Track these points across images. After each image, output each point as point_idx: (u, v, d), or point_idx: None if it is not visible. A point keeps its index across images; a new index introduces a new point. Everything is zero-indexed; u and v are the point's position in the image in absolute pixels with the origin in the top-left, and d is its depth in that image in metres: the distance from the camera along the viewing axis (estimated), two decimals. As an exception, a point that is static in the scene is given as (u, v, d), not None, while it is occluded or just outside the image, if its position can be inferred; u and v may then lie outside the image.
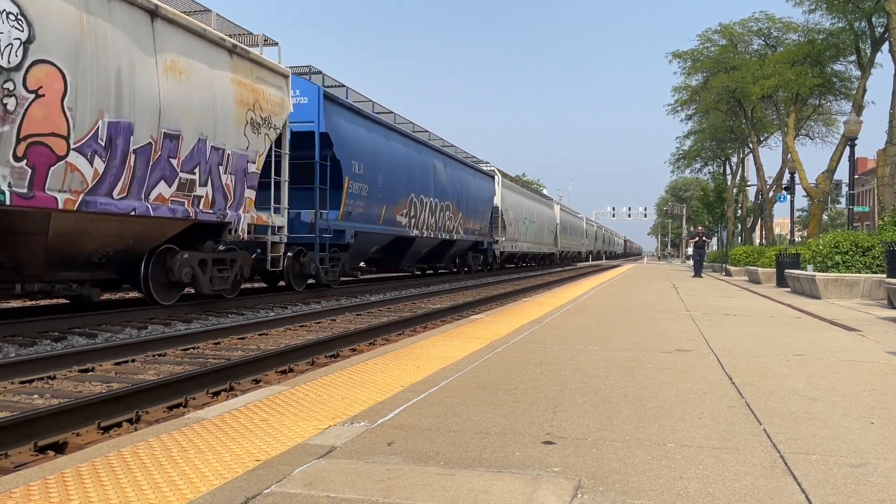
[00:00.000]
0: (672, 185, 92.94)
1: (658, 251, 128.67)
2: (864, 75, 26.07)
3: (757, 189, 39.29)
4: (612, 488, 2.53)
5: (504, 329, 7.39)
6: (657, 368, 5.09)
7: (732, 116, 38.43)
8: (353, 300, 15.89)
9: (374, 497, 2.41)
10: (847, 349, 6.34)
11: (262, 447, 2.97)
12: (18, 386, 6.27)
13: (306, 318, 11.74)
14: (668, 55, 36.58)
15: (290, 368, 7.48)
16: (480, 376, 4.66)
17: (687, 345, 6.42)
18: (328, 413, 3.59)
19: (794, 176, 27.92)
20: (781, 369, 5.15)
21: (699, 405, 3.90)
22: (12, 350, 7.86)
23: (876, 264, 13.77)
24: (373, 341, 9.59)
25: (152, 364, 7.53)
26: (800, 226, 52.79)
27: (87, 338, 8.98)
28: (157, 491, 2.43)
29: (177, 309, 11.87)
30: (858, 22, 25.31)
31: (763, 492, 2.52)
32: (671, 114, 41.28)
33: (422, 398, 3.97)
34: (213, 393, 6.20)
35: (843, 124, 23.31)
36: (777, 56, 30.40)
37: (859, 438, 3.25)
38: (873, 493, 2.53)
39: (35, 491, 2.42)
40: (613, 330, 7.54)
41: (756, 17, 33.01)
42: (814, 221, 28.47)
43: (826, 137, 37.37)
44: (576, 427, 3.39)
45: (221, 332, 9.57)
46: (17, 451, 4.36)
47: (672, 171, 66.23)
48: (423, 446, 3.03)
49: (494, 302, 16.38)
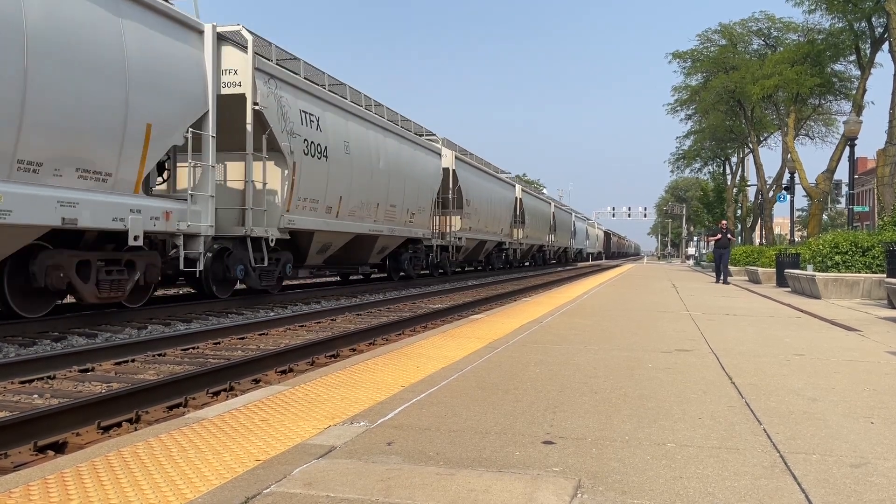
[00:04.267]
0: (672, 184, 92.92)
1: (658, 251, 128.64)
2: (863, 75, 26.07)
3: (757, 189, 39.29)
4: (612, 488, 2.53)
5: (504, 329, 7.39)
6: (657, 368, 5.09)
7: (732, 116, 38.43)
8: (353, 300, 15.89)
9: (373, 497, 2.41)
10: (847, 349, 6.34)
11: (262, 447, 2.96)
12: (18, 386, 6.27)
13: (306, 318, 11.74)
14: (668, 55, 36.62)
15: (290, 368, 7.47)
16: (480, 376, 4.66)
17: (687, 345, 6.42)
18: (328, 413, 3.59)
19: (793, 176, 27.93)
20: (781, 369, 5.15)
21: (699, 405, 3.90)
22: (12, 350, 7.86)
23: (876, 264, 13.77)
24: (373, 341, 9.58)
25: (152, 364, 7.53)
26: (800, 226, 52.82)
27: (87, 338, 8.98)
28: (157, 491, 2.43)
29: (178, 308, 11.86)
30: (858, 22, 25.31)
31: (763, 492, 2.52)
32: (671, 113, 41.36)
33: (422, 398, 3.96)
34: (213, 393, 6.20)
35: (843, 124, 23.31)
36: (777, 56, 30.40)
37: (859, 438, 3.25)
38: (873, 492, 2.52)
39: (35, 491, 2.42)
40: (613, 330, 7.53)
41: (756, 17, 33.06)
42: (814, 221, 28.47)
43: (826, 137, 37.40)
44: (576, 427, 3.39)
45: (221, 332, 9.56)
46: (17, 451, 4.36)
47: (672, 170, 66.18)
48: (423, 446, 3.03)
49: (494, 302, 16.38)
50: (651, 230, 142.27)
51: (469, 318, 8.88)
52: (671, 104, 40.73)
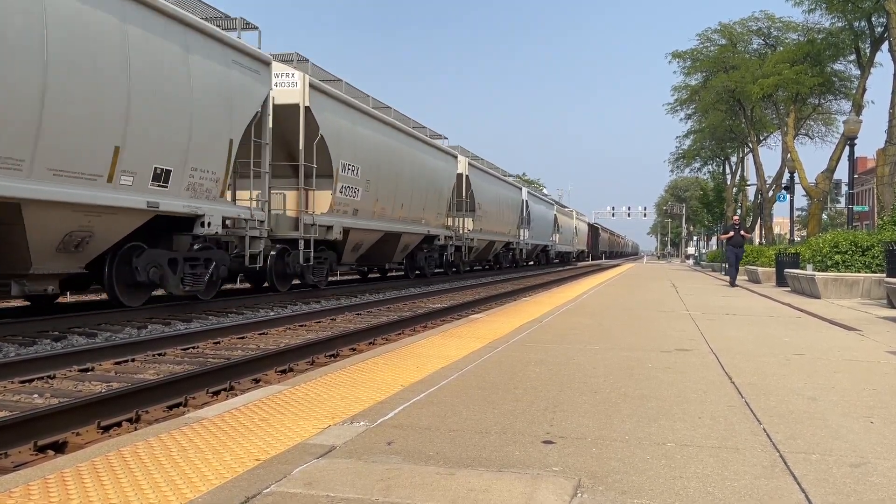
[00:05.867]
0: (672, 184, 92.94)
1: (658, 251, 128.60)
2: (863, 75, 26.06)
3: (756, 188, 39.28)
4: (612, 488, 2.53)
5: (504, 328, 7.39)
6: (657, 368, 5.09)
7: (732, 116, 38.40)
8: (353, 300, 15.89)
9: (373, 497, 2.41)
10: (847, 349, 6.34)
11: (262, 447, 2.96)
12: (18, 385, 6.27)
13: (306, 318, 11.74)
14: (668, 55, 36.58)
15: (290, 368, 7.48)
16: (480, 376, 4.66)
17: (687, 344, 6.42)
18: (328, 412, 3.59)
19: (793, 175, 27.93)
20: (781, 369, 5.15)
21: (699, 405, 3.90)
22: (12, 350, 7.86)
23: (875, 264, 13.77)
24: (373, 341, 9.58)
25: (152, 363, 7.53)
26: (799, 225, 52.79)
27: (87, 337, 8.98)
28: (157, 491, 2.43)
29: (177, 308, 11.87)
30: (858, 21, 25.30)
31: (763, 491, 2.52)
32: (670, 113, 41.33)
33: (422, 398, 3.96)
34: (213, 392, 6.20)
35: (843, 124, 23.31)
36: (777, 56, 30.36)
37: (859, 438, 3.25)
38: (873, 492, 2.52)
39: (35, 490, 2.42)
40: (613, 329, 7.54)
41: (756, 17, 33.02)
42: (813, 221, 28.44)
43: (826, 137, 37.35)
44: (576, 426, 3.39)
45: (221, 332, 9.57)
46: (17, 451, 4.36)
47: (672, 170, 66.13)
48: (423, 446, 3.03)
49: (493, 301, 16.38)
50: (651, 230, 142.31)
51: (469, 318, 8.89)
52: (671, 104, 40.72)
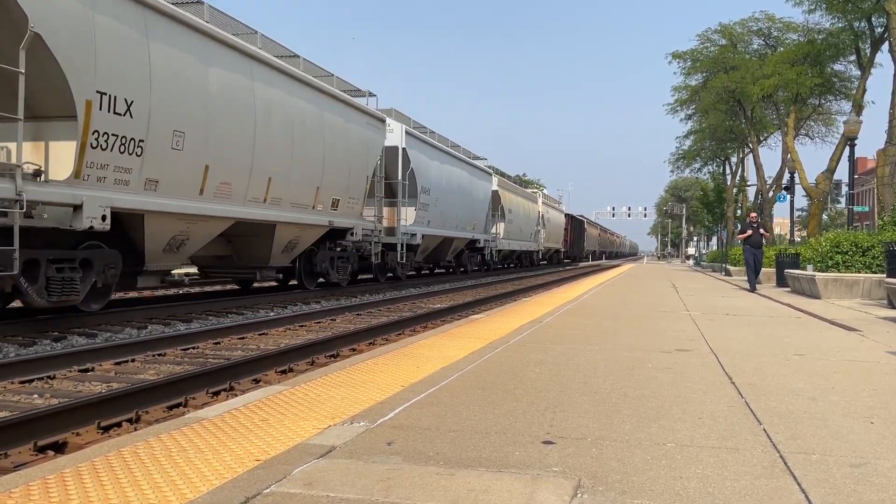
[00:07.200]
0: (672, 184, 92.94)
1: (658, 251, 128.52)
2: (863, 75, 26.05)
3: (757, 189, 39.25)
4: (612, 488, 2.53)
5: (504, 329, 7.39)
6: (657, 368, 5.09)
7: (732, 116, 38.39)
8: (353, 300, 15.89)
9: (373, 497, 2.41)
10: (847, 349, 6.34)
11: (262, 447, 2.96)
12: (18, 386, 6.27)
13: (306, 318, 11.74)
14: (668, 56, 36.56)
15: (290, 368, 7.47)
16: (480, 376, 4.66)
17: (687, 344, 6.42)
18: (328, 413, 3.59)
19: (793, 176, 27.90)
20: (781, 369, 5.15)
21: (699, 405, 3.90)
22: (12, 350, 7.86)
23: (876, 264, 13.77)
24: (373, 341, 9.58)
25: (152, 364, 7.53)
26: (799, 226, 52.75)
27: (87, 338, 8.98)
28: (156, 491, 2.43)
29: (178, 308, 11.89)
30: (858, 22, 25.29)
31: (763, 492, 2.52)
32: (671, 113, 41.31)
33: (422, 398, 3.96)
34: (213, 393, 6.20)
35: (843, 124, 23.29)
36: (777, 56, 30.36)
37: (859, 438, 3.25)
38: (873, 492, 2.52)
39: (35, 491, 2.42)
40: (613, 330, 7.53)
41: (756, 17, 33.01)
42: (813, 221, 28.44)
43: (826, 137, 37.33)
44: (576, 427, 3.39)
45: (221, 332, 9.57)
46: (17, 451, 4.36)
47: (672, 170, 66.13)
48: (423, 446, 3.03)
49: (494, 302, 16.38)
50: (651, 230, 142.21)
51: (469, 318, 8.89)
52: (671, 104, 40.71)
